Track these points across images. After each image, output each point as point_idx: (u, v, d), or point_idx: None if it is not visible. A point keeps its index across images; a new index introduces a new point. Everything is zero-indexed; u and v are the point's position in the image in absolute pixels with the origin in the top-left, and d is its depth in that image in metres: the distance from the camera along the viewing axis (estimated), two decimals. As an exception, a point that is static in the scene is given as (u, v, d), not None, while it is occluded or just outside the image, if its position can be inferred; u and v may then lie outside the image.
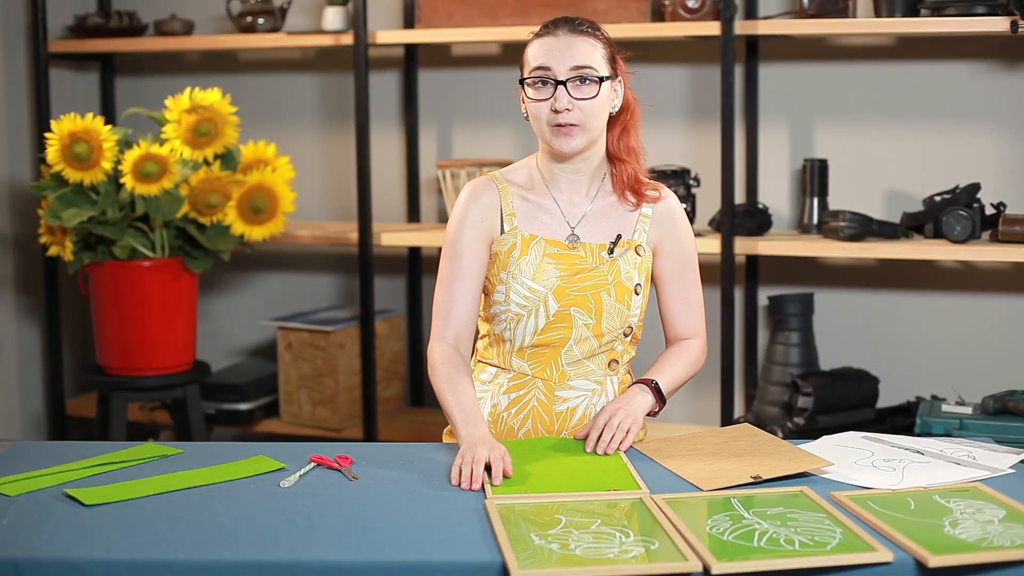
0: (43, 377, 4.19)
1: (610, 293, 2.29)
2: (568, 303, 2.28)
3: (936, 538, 1.74)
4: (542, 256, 2.30)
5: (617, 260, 2.31)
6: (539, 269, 2.29)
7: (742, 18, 3.56)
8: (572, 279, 2.29)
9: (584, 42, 2.26)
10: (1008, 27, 3.13)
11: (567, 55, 2.24)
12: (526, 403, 2.33)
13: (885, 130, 3.59)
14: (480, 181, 2.37)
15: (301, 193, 3.94)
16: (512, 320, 2.30)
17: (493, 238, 2.33)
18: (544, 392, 2.33)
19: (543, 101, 2.25)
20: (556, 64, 2.24)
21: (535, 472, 2.07)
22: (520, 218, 2.33)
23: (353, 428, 3.85)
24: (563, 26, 2.28)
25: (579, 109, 2.24)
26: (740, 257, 3.67)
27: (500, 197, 2.34)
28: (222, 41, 3.89)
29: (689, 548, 1.70)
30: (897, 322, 3.64)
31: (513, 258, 2.30)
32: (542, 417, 2.32)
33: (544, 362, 2.32)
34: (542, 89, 2.25)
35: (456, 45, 3.97)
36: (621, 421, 2.20)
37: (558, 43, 2.25)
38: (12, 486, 2.00)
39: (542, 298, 2.28)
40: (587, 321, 2.30)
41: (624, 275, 2.31)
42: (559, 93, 2.23)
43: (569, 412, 2.33)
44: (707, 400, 3.75)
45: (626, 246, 2.33)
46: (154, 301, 3.47)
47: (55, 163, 3.34)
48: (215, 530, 1.81)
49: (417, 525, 1.82)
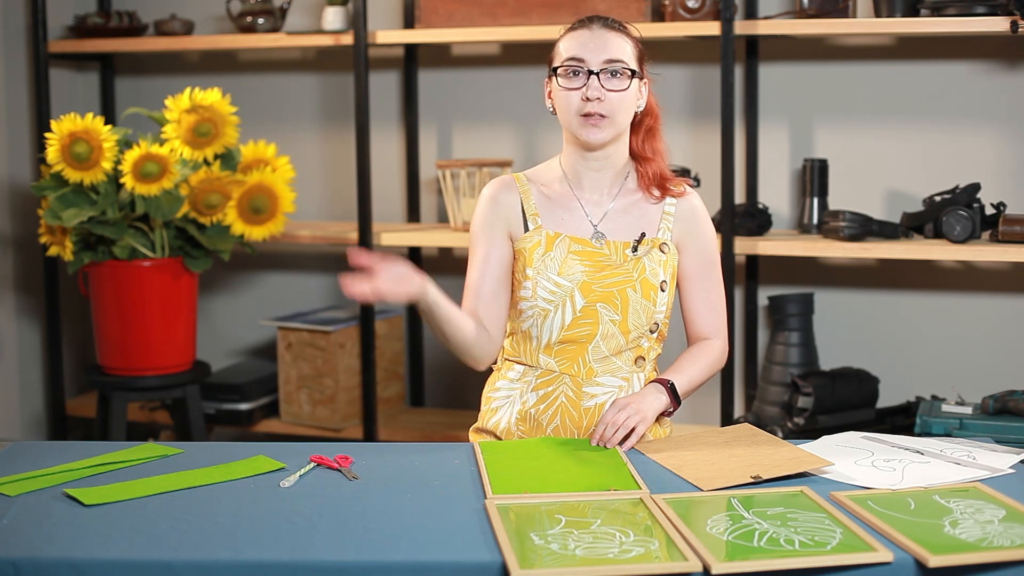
0: (43, 377, 4.19)
1: (636, 290, 2.32)
2: (594, 299, 2.32)
3: (936, 538, 1.74)
4: (567, 253, 2.34)
5: (642, 258, 2.34)
6: (564, 264, 2.33)
7: (742, 18, 3.56)
8: (598, 275, 2.32)
9: (618, 37, 2.32)
10: (1008, 27, 3.13)
11: (601, 47, 2.29)
12: (554, 399, 2.36)
13: (885, 130, 3.59)
14: (501, 180, 2.43)
15: (301, 193, 3.94)
16: (539, 316, 2.34)
17: (514, 236, 2.38)
18: (572, 388, 2.35)
19: (574, 90, 2.30)
20: (590, 56, 2.29)
21: (535, 472, 2.07)
22: (543, 217, 2.37)
23: (353, 428, 3.85)
24: (597, 22, 2.34)
25: (609, 100, 2.29)
26: (740, 257, 3.67)
27: (521, 196, 2.39)
28: (222, 41, 3.88)
29: (689, 548, 1.70)
30: (897, 322, 3.64)
31: (538, 255, 2.34)
32: (571, 413, 2.35)
33: (571, 358, 2.35)
34: (574, 79, 2.30)
35: (456, 45, 3.97)
36: (629, 417, 2.22)
37: (592, 36, 2.31)
38: (12, 486, 2.00)
39: (568, 293, 2.32)
40: (614, 317, 2.32)
41: (650, 272, 2.34)
42: (591, 82, 2.28)
43: (597, 408, 2.35)
44: (707, 400, 3.75)
45: (650, 244, 2.36)
46: (154, 301, 3.47)
47: (55, 163, 3.34)
48: (215, 530, 1.81)
49: (417, 525, 1.82)
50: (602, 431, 2.22)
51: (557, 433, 2.36)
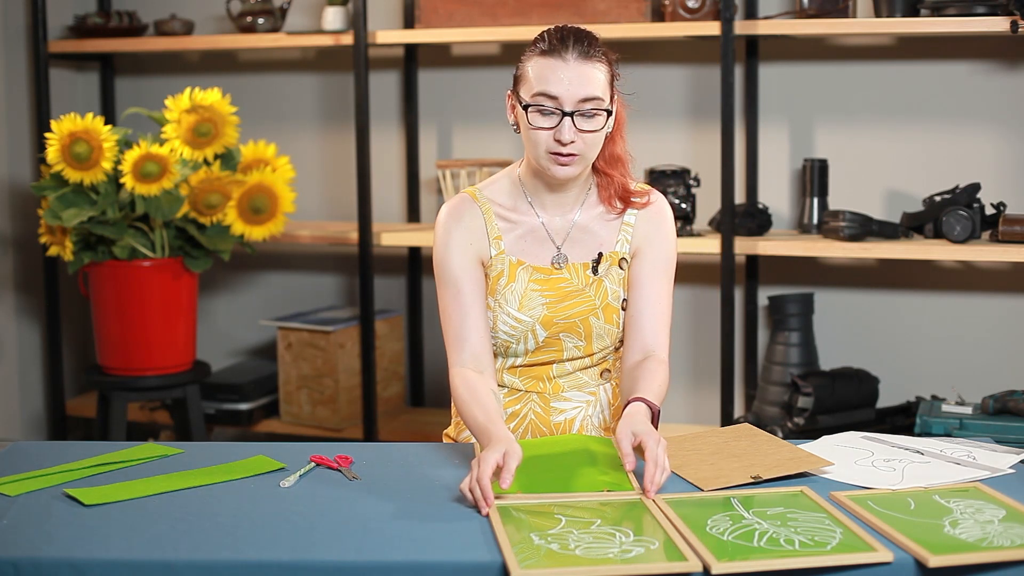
0: (43, 377, 4.19)
1: (599, 316, 2.25)
2: (556, 330, 2.24)
3: (936, 538, 1.74)
4: (527, 283, 2.24)
5: (603, 280, 2.26)
6: (524, 298, 2.23)
7: (742, 18, 3.56)
8: (559, 306, 2.24)
9: (593, 69, 2.13)
10: (1008, 27, 3.13)
11: (576, 85, 2.11)
12: (523, 417, 2.31)
13: (885, 130, 3.59)
14: (459, 201, 2.28)
15: (301, 193, 3.95)
16: (501, 345, 2.26)
17: (483, 259, 2.25)
18: (540, 405, 2.30)
19: (545, 130, 2.14)
20: (564, 94, 2.11)
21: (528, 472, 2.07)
22: (506, 241, 2.26)
23: (353, 428, 3.85)
24: (572, 48, 2.13)
25: (582, 140, 2.13)
26: (740, 257, 3.67)
27: (484, 219, 2.25)
28: (222, 41, 3.89)
29: (689, 548, 1.70)
30: (897, 322, 3.64)
31: (500, 286, 2.24)
32: (540, 429, 2.30)
33: (536, 377, 2.30)
34: (545, 118, 2.13)
35: (456, 45, 3.97)
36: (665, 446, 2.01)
37: (567, 70, 2.11)
38: (12, 486, 2.00)
39: (529, 328, 2.24)
40: (577, 343, 2.27)
41: (611, 295, 2.25)
42: (564, 124, 2.11)
43: (567, 423, 2.30)
44: (707, 400, 3.76)
45: (609, 261, 2.27)
46: (154, 301, 3.47)
47: (55, 163, 3.34)
48: (215, 530, 1.81)
49: (417, 525, 1.82)
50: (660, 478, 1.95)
51: None
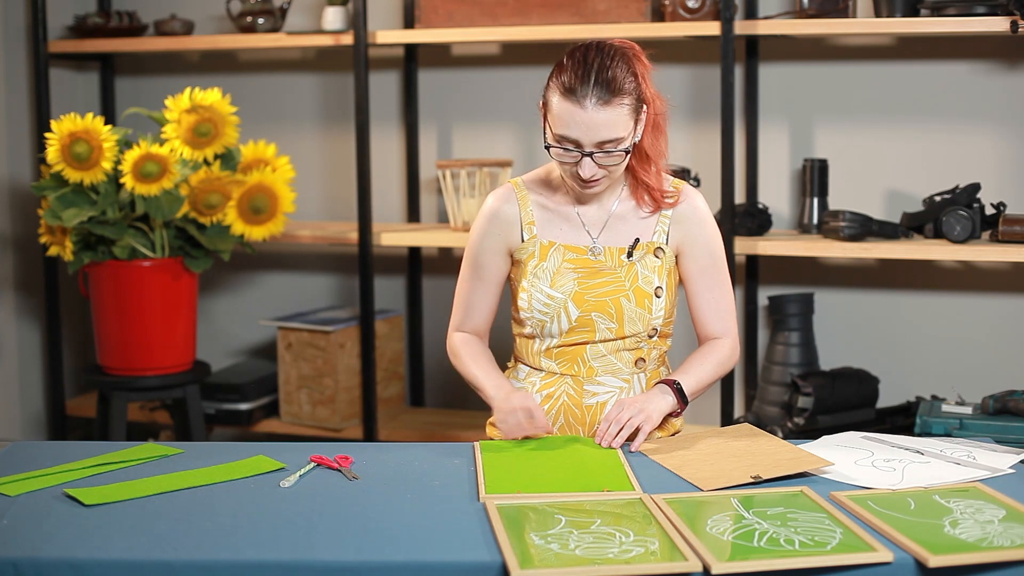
0: (43, 377, 4.19)
1: (629, 299, 2.33)
2: (588, 308, 2.33)
3: (936, 538, 1.74)
4: (560, 262, 2.35)
5: (636, 264, 2.35)
6: (557, 275, 2.34)
7: (742, 18, 3.56)
8: (590, 283, 2.33)
9: (611, 113, 2.21)
10: (1008, 27, 3.13)
11: (594, 131, 2.22)
12: (557, 399, 2.38)
13: (885, 130, 3.59)
14: (502, 191, 2.43)
15: (301, 193, 3.94)
16: (537, 324, 2.36)
17: (512, 248, 2.40)
18: (574, 387, 2.38)
19: (569, 164, 2.27)
20: (583, 137, 2.22)
21: (530, 472, 2.08)
22: (539, 226, 2.39)
23: (353, 428, 3.85)
24: (592, 92, 2.20)
25: (604, 170, 2.27)
26: (740, 257, 3.67)
27: (519, 206, 2.40)
28: (222, 41, 3.88)
29: (689, 548, 1.70)
30: (897, 322, 3.64)
31: (532, 266, 2.36)
32: (573, 411, 2.38)
33: (571, 359, 2.38)
34: (567, 154, 2.26)
35: (456, 45, 3.97)
36: (632, 416, 2.24)
37: (585, 117, 2.20)
38: (12, 486, 2.00)
39: (562, 304, 2.33)
40: (609, 325, 2.34)
41: (643, 279, 2.34)
42: (584, 163, 2.25)
43: (599, 406, 2.37)
44: (707, 400, 3.75)
45: (645, 249, 2.36)
46: (154, 301, 3.47)
47: (55, 163, 3.34)
48: (215, 530, 1.81)
49: (417, 525, 1.82)
50: (605, 429, 2.23)
51: (562, 431, 2.38)
